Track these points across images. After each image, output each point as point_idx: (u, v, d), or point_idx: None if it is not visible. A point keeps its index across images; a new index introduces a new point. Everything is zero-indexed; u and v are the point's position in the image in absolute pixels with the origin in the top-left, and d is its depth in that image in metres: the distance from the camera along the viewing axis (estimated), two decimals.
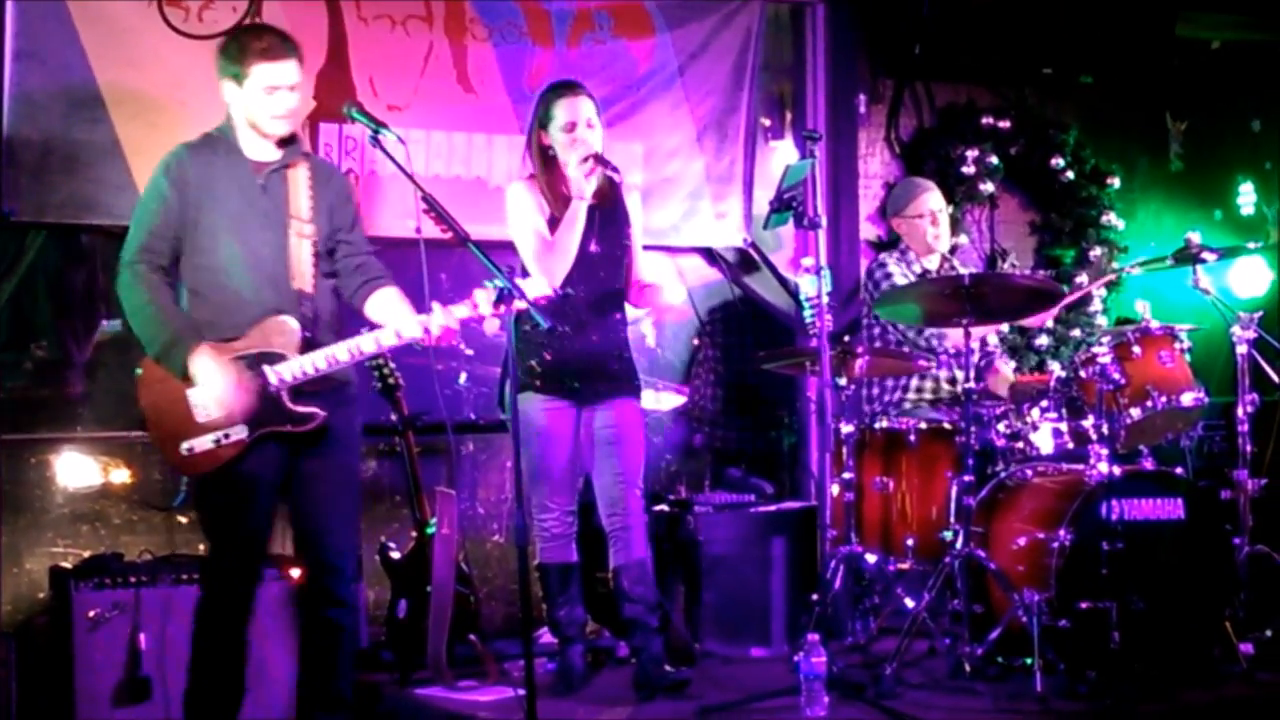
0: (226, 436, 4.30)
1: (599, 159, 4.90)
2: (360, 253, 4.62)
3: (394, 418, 5.46)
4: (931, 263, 6.22)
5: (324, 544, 4.52)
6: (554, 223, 4.98)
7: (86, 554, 5.43)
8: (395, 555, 5.40)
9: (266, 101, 4.40)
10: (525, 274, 4.94)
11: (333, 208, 4.55)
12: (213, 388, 4.27)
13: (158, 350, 4.33)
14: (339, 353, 4.40)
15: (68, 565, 5.14)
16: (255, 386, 4.32)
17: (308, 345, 4.39)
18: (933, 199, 6.27)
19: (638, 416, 5.14)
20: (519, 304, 4.20)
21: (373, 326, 4.48)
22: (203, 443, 4.30)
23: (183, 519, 5.71)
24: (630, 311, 5.22)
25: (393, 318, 4.46)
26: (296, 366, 4.36)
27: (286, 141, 4.51)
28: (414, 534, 5.39)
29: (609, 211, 5.08)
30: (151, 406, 4.36)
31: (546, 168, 5.05)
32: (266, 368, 4.34)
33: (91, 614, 4.87)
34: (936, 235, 6.21)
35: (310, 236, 4.47)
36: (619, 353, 5.12)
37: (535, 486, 5.03)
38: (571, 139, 4.97)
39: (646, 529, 5.12)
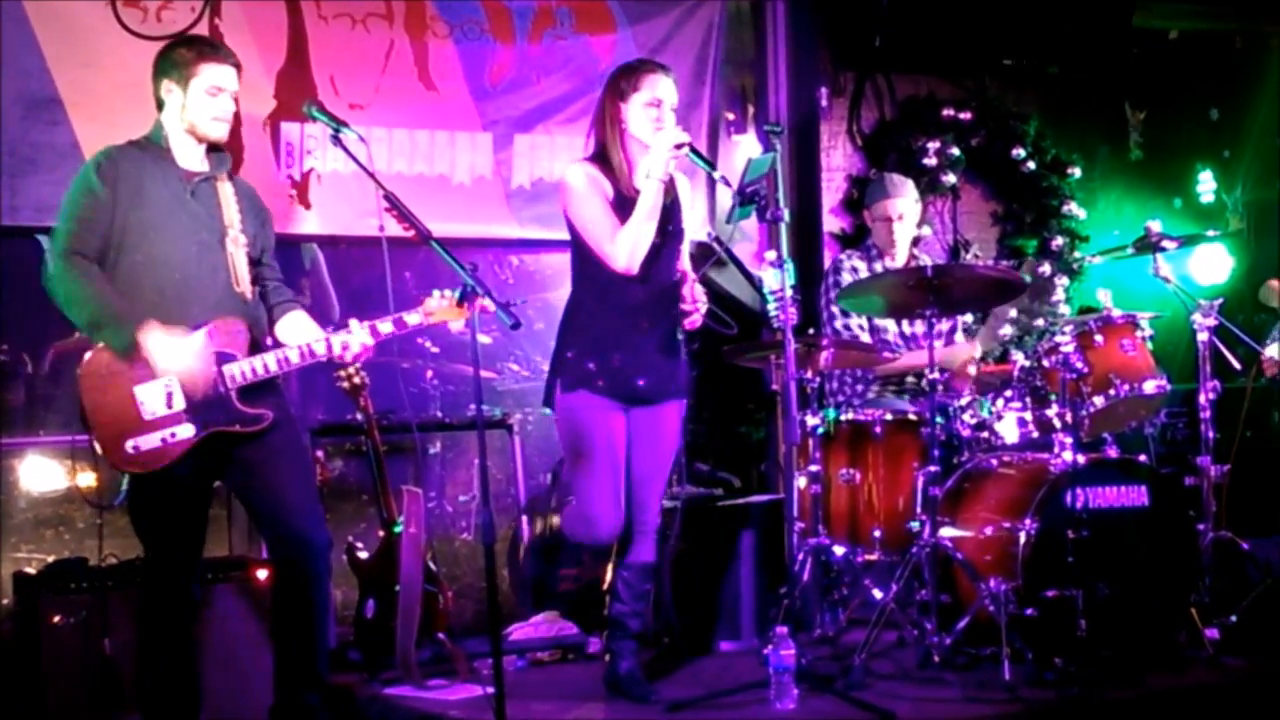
0: (174, 435, 4.24)
1: (693, 148, 4.71)
2: (275, 277, 4.66)
3: (359, 416, 5.44)
4: (897, 262, 6.18)
5: (290, 520, 4.44)
6: (619, 202, 4.75)
7: (51, 559, 5.37)
8: (362, 555, 5.39)
9: (209, 103, 4.40)
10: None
11: (257, 231, 4.56)
12: (171, 363, 4.20)
13: (101, 324, 4.22)
14: (291, 354, 4.40)
15: (32, 571, 5.09)
16: (211, 379, 4.29)
17: (253, 349, 4.39)
18: (897, 204, 6.15)
19: (679, 420, 4.95)
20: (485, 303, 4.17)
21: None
22: (150, 440, 4.23)
23: None
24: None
25: (304, 339, 4.46)
26: (248, 366, 4.34)
27: (214, 156, 4.50)
28: (381, 533, 5.36)
29: (668, 199, 4.83)
30: (95, 404, 4.23)
31: (613, 144, 4.81)
32: (222, 366, 4.30)
33: (58, 620, 4.84)
34: (892, 243, 6.14)
35: (245, 247, 4.47)
36: (677, 346, 4.89)
37: (580, 489, 4.84)
38: (654, 117, 4.75)
39: (658, 534, 4.99)
